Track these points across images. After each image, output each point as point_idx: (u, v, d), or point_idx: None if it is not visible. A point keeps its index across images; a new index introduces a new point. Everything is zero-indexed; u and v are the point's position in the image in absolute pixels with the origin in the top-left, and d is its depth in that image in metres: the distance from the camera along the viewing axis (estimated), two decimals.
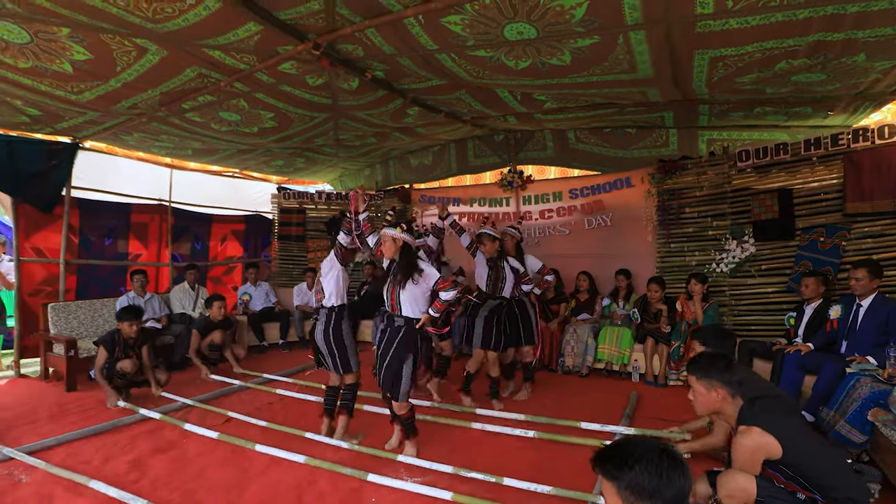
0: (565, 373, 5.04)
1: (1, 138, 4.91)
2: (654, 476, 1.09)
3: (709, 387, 1.98)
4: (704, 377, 1.99)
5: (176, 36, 3.10)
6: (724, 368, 1.97)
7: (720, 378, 1.96)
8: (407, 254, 3.03)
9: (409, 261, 3.01)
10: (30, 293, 5.33)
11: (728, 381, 1.95)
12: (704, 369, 2.00)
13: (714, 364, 2.00)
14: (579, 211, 5.97)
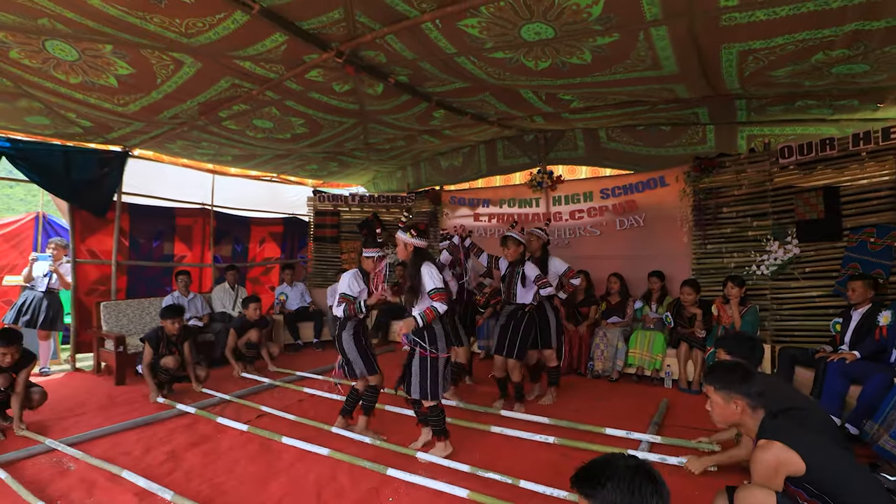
0: (595, 377, 4.93)
1: (58, 148, 5.30)
2: (626, 493, 1.10)
3: (727, 398, 1.90)
4: (723, 388, 1.91)
5: (208, 49, 3.26)
6: (744, 379, 1.89)
7: (739, 389, 1.87)
8: (417, 257, 3.06)
9: (416, 265, 3.04)
10: (85, 292, 5.73)
11: (748, 393, 1.86)
12: (723, 380, 1.92)
13: (733, 374, 1.91)
14: (611, 211, 5.83)
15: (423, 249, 3.11)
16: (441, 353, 3.04)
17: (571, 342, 5.11)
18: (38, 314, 5.24)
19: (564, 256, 6.01)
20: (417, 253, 3.07)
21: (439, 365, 3.03)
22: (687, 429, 3.41)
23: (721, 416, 1.94)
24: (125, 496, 2.61)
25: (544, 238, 4.37)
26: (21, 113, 4.35)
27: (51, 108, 4.26)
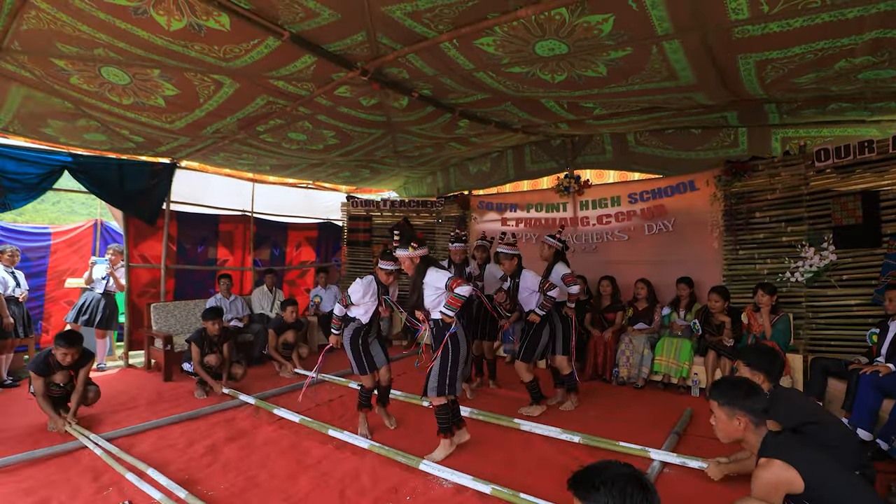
0: (620, 384, 4.91)
1: (113, 161, 5.75)
2: (618, 499, 1.15)
3: (731, 414, 1.92)
4: (726, 403, 1.93)
5: (245, 70, 3.50)
6: (748, 394, 1.90)
7: (743, 405, 1.89)
8: (423, 265, 3.19)
9: (421, 272, 3.17)
10: (137, 294, 6.18)
11: (751, 409, 1.88)
12: (727, 395, 1.94)
13: (737, 389, 1.93)
14: (639, 216, 5.78)
15: (427, 256, 3.24)
16: (458, 350, 3.14)
17: (596, 348, 5.10)
18: (96, 314, 5.70)
19: (592, 262, 6.06)
20: (424, 261, 3.20)
21: (457, 359, 3.14)
22: (709, 439, 3.38)
23: (724, 431, 1.97)
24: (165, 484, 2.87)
25: (556, 245, 4.38)
26: (80, 131, 4.77)
27: (106, 126, 4.65)
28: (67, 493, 2.80)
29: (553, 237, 4.42)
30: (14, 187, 5.07)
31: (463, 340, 3.22)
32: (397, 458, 3.15)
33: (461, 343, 3.19)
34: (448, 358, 3.14)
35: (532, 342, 3.98)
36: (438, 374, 3.13)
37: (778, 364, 2.66)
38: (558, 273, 4.23)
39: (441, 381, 3.13)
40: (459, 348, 3.17)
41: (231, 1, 2.68)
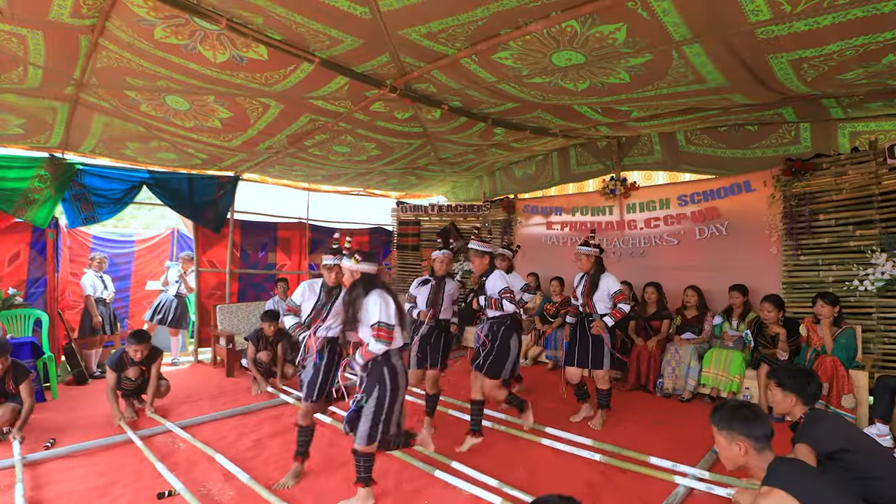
0: (664, 396, 4.71)
1: (184, 175, 6.34)
2: None
3: (730, 439, 1.83)
4: (725, 428, 1.84)
5: (287, 93, 3.77)
6: (747, 419, 1.80)
7: (742, 430, 1.80)
8: (366, 284, 2.69)
9: (362, 292, 2.67)
10: (205, 296, 6.77)
11: (751, 434, 1.78)
12: (726, 419, 1.85)
13: (736, 414, 1.83)
14: (689, 219, 5.50)
15: (373, 276, 2.73)
16: (391, 394, 2.63)
17: (640, 357, 4.93)
18: (169, 314, 6.32)
19: (639, 267, 5.85)
20: (366, 280, 2.70)
21: (389, 406, 2.63)
22: None
23: (726, 457, 1.88)
24: (214, 474, 3.16)
25: (594, 253, 3.96)
26: (154, 150, 5.32)
27: (175, 145, 5.16)
28: (131, 476, 3.17)
29: (587, 244, 3.96)
30: (101, 202, 5.74)
31: (402, 374, 2.72)
32: (416, 463, 3.25)
33: (400, 378, 2.70)
34: (385, 397, 2.63)
35: (500, 356, 3.43)
36: (373, 416, 2.61)
37: (813, 385, 2.46)
38: (611, 288, 3.82)
39: (374, 425, 2.61)
40: (399, 385, 2.69)
41: (265, 34, 2.91)
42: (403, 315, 2.79)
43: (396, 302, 2.71)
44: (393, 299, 2.70)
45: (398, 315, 2.69)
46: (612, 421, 4.12)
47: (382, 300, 2.61)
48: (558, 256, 6.90)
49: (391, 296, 2.71)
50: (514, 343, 3.54)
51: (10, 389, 3.79)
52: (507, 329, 3.53)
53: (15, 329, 5.10)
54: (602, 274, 3.93)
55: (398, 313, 2.69)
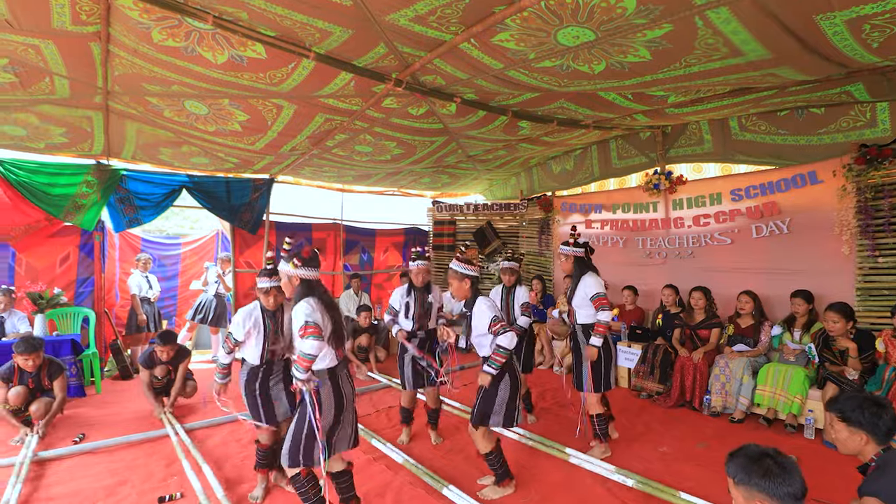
0: (713, 415, 4.20)
1: (221, 179, 6.50)
2: None
3: (748, 497, 1.47)
4: (742, 483, 1.48)
5: (295, 92, 3.69)
6: (768, 473, 1.43)
7: (761, 486, 1.43)
8: (305, 289, 2.44)
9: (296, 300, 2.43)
10: (243, 295, 6.92)
11: (774, 493, 1.41)
12: (743, 470, 1.48)
13: (757, 465, 1.46)
14: (745, 215, 4.90)
15: (312, 282, 2.46)
16: (319, 416, 2.35)
17: (684, 370, 4.44)
18: (209, 313, 6.52)
19: (687, 269, 5.33)
20: (306, 286, 2.44)
21: (312, 426, 2.34)
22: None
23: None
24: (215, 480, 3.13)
25: (576, 253, 3.47)
26: (187, 155, 5.47)
27: (204, 150, 5.27)
28: (141, 477, 3.20)
29: (567, 244, 3.50)
30: (144, 205, 5.99)
31: (329, 396, 2.40)
32: (425, 477, 3.05)
33: (332, 397, 2.40)
34: (305, 418, 2.35)
35: (486, 402, 2.84)
36: (292, 436, 2.37)
37: (888, 418, 2.00)
38: (587, 292, 3.36)
39: (294, 445, 2.36)
40: (331, 403, 2.40)
41: (257, 31, 2.82)
42: (339, 329, 2.45)
43: (332, 315, 2.41)
44: (328, 311, 2.40)
45: (332, 328, 2.38)
46: (648, 439, 3.71)
47: (305, 309, 2.28)
48: (599, 258, 6.40)
49: (326, 307, 2.41)
50: (505, 384, 2.82)
51: (46, 385, 3.98)
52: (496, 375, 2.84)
53: (64, 326, 5.43)
54: (584, 275, 3.43)
55: (332, 326, 2.39)
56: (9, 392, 3.77)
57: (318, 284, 2.49)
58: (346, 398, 2.48)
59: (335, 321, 2.45)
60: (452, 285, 2.95)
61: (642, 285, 5.70)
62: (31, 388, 3.88)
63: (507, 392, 2.82)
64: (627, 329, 5.25)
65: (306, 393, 2.34)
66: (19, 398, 3.77)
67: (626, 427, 4.00)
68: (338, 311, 2.53)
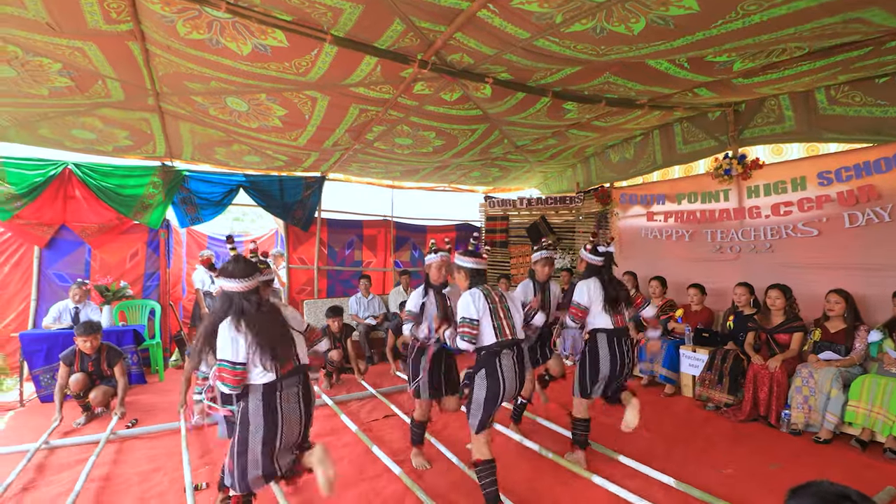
0: (793, 433, 3.61)
1: (274, 178, 6.70)
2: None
3: None
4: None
5: (324, 82, 3.63)
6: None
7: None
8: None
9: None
10: (296, 291, 7.11)
11: None
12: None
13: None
14: (835, 202, 4.20)
15: (234, 295, 2.22)
16: (252, 436, 2.15)
17: (758, 380, 3.87)
18: None
19: (764, 265, 4.72)
20: (223, 301, 2.25)
21: (249, 444, 2.15)
22: None
23: None
24: None
25: (596, 262, 3.24)
26: (239, 154, 5.66)
27: (254, 148, 5.41)
28: (175, 464, 3.27)
29: (594, 250, 3.26)
30: (204, 204, 6.31)
31: (265, 416, 2.16)
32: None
33: (269, 416, 2.17)
34: (244, 436, 2.17)
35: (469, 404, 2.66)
36: (233, 455, 2.20)
37: None
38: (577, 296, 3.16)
39: (232, 467, 2.19)
40: (264, 426, 2.16)
41: (274, 16, 2.76)
42: (268, 345, 2.16)
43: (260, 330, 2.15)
44: (251, 333, 2.13)
45: (257, 349, 2.13)
46: (710, 457, 3.25)
47: (228, 334, 2.11)
48: (660, 252, 5.89)
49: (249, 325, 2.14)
50: (480, 384, 2.57)
51: (105, 371, 4.24)
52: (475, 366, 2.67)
53: (133, 318, 5.82)
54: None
55: (256, 346, 2.13)
56: (70, 378, 4.04)
57: (245, 295, 2.21)
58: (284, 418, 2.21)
59: (262, 338, 2.15)
60: (456, 279, 2.77)
61: (711, 283, 5.10)
62: (90, 372, 4.14)
63: (483, 393, 2.54)
64: (692, 332, 4.70)
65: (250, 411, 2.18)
66: (79, 384, 4.03)
67: (684, 441, 3.54)
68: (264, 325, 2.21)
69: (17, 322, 5.41)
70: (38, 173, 5.38)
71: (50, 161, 5.50)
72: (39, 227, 5.41)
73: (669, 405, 4.42)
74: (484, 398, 2.53)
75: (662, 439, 3.57)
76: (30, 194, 5.28)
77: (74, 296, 5.15)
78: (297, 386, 2.29)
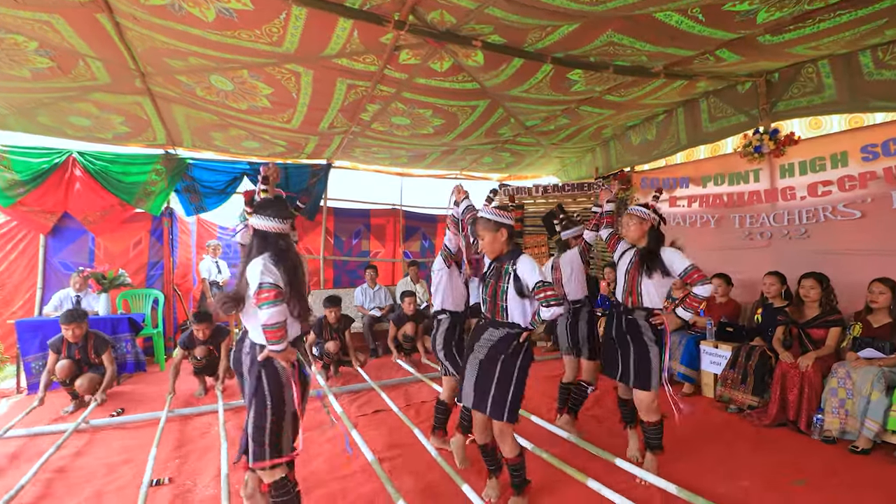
0: (825, 441, 3.16)
1: (280, 165, 6.53)
2: None
3: None
4: None
5: (303, 54, 3.39)
6: None
7: None
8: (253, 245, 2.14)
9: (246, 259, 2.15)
10: None
11: None
12: None
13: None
14: (881, 179, 3.68)
15: (269, 235, 2.08)
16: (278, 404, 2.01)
17: (787, 380, 3.42)
18: None
19: (797, 252, 4.26)
20: (259, 239, 2.09)
21: (267, 415, 1.99)
22: None
23: None
24: (211, 468, 2.94)
25: (650, 219, 2.86)
26: (236, 139, 5.51)
27: (250, 132, 5.25)
28: (146, 457, 3.12)
29: (647, 206, 2.88)
30: (207, 192, 6.23)
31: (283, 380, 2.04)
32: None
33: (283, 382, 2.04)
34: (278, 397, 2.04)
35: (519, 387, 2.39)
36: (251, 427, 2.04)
37: None
38: (676, 265, 2.66)
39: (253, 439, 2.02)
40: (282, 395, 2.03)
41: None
42: (299, 290, 2.06)
43: (295, 272, 2.05)
44: (286, 267, 2.01)
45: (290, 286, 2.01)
46: (728, 467, 2.86)
47: (264, 267, 1.95)
48: (684, 241, 5.36)
49: (285, 263, 2.03)
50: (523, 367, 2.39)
51: (93, 359, 4.16)
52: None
53: (136, 307, 5.80)
54: (660, 249, 2.75)
55: (292, 290, 2.02)
56: (56, 364, 3.97)
57: (278, 237, 2.10)
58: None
59: (294, 278, 2.08)
60: (484, 239, 2.41)
61: (739, 273, 4.63)
62: (77, 360, 4.07)
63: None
64: (715, 326, 4.26)
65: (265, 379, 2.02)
66: (64, 371, 3.97)
67: (698, 447, 3.15)
68: (299, 268, 2.14)
69: (24, 310, 5.45)
70: (44, 161, 5.40)
71: (55, 149, 5.51)
72: (43, 215, 5.43)
73: (691, 404, 4.00)
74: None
75: (674, 443, 3.18)
76: (33, 181, 5.30)
77: (75, 284, 5.14)
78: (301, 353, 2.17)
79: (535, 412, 3.73)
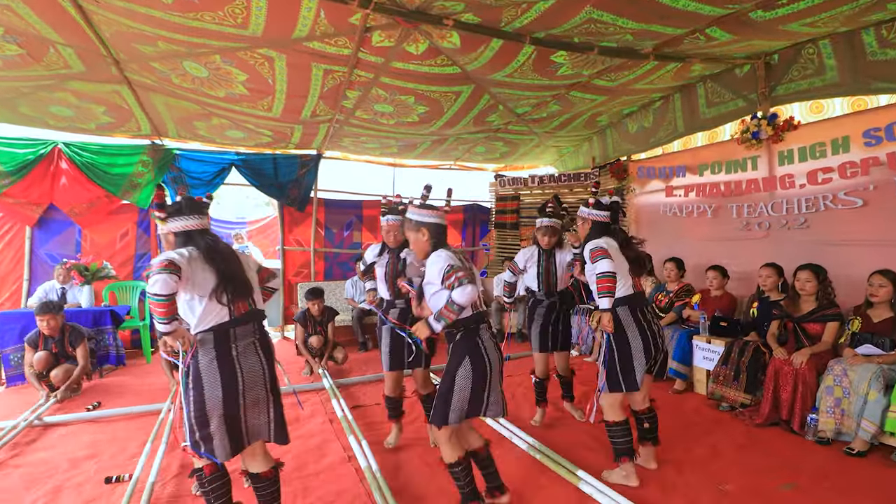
0: (819, 442, 3.00)
1: (268, 156, 6.44)
2: None
3: None
4: None
5: (272, 37, 3.26)
6: None
7: None
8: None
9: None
10: (293, 274, 6.88)
11: None
12: None
13: None
14: (885, 165, 3.46)
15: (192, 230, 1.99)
16: (200, 400, 1.88)
17: (780, 377, 3.25)
18: None
19: (795, 243, 4.08)
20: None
21: (192, 411, 1.89)
22: None
23: None
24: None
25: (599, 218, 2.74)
26: (219, 129, 5.40)
27: (233, 121, 5.14)
28: (113, 452, 3.07)
29: (600, 205, 2.71)
30: (195, 183, 6.13)
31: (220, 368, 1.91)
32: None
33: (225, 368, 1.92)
34: (200, 396, 1.91)
35: (441, 392, 2.23)
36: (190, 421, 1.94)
37: None
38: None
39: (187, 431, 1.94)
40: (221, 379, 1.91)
41: None
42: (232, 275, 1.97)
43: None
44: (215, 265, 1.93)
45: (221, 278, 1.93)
46: (712, 467, 2.71)
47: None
48: (680, 232, 5.24)
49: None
50: (464, 372, 2.14)
51: (69, 351, 4.10)
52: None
53: (123, 299, 5.74)
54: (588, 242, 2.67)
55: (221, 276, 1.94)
56: (34, 356, 3.92)
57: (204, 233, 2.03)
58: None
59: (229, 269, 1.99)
60: (409, 240, 2.28)
61: (736, 265, 4.44)
62: (54, 353, 4.02)
63: (469, 381, 2.12)
64: (708, 320, 4.08)
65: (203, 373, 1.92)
66: (42, 363, 3.92)
67: (686, 447, 3.00)
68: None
69: (11, 302, 5.42)
70: (29, 152, 5.33)
71: (40, 140, 5.44)
72: (28, 206, 5.37)
73: (678, 403, 3.84)
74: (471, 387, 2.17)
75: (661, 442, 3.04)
76: (18, 172, 5.23)
77: (59, 276, 5.09)
78: (254, 336, 2.03)
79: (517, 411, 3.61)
